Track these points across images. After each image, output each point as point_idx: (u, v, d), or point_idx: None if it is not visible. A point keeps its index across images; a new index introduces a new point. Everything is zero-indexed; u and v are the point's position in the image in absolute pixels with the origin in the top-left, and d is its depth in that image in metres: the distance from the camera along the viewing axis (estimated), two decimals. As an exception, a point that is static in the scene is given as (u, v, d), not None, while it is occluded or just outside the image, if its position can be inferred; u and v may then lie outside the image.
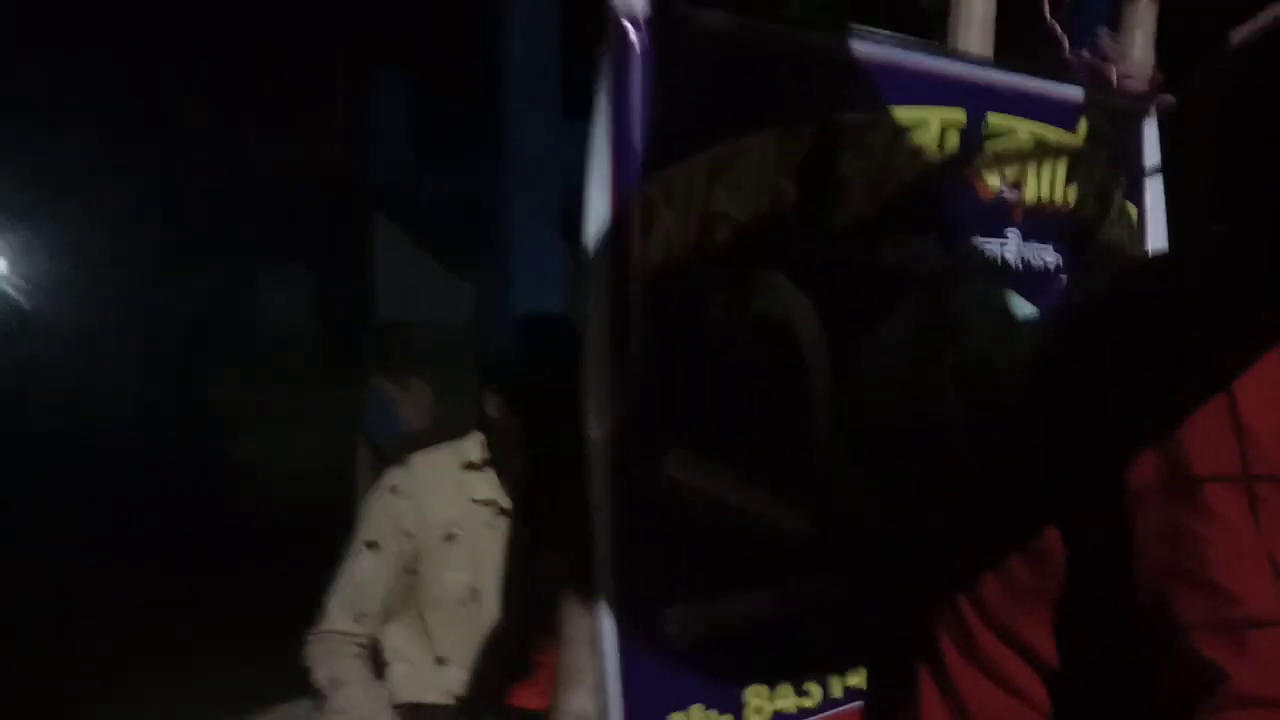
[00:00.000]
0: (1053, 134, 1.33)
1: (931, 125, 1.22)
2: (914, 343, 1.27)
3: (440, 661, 1.86)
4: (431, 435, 2.13)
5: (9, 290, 7.00)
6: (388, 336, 5.25)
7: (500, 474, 1.87)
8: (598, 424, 1.01)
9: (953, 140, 1.24)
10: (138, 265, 7.55)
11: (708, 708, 1.08)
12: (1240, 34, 1.29)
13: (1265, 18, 1.27)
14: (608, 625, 1.00)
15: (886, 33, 1.18)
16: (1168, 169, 1.55)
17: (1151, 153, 1.51)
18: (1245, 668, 0.78)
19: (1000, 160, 1.30)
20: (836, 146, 1.15)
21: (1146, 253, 1.50)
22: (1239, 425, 0.80)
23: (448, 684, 1.85)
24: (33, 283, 7.03)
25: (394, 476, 1.88)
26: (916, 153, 1.22)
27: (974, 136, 1.26)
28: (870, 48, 1.17)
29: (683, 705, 1.06)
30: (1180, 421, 0.83)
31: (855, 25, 1.16)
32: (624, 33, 1.01)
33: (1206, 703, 0.79)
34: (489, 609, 1.85)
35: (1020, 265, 1.36)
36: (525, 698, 1.82)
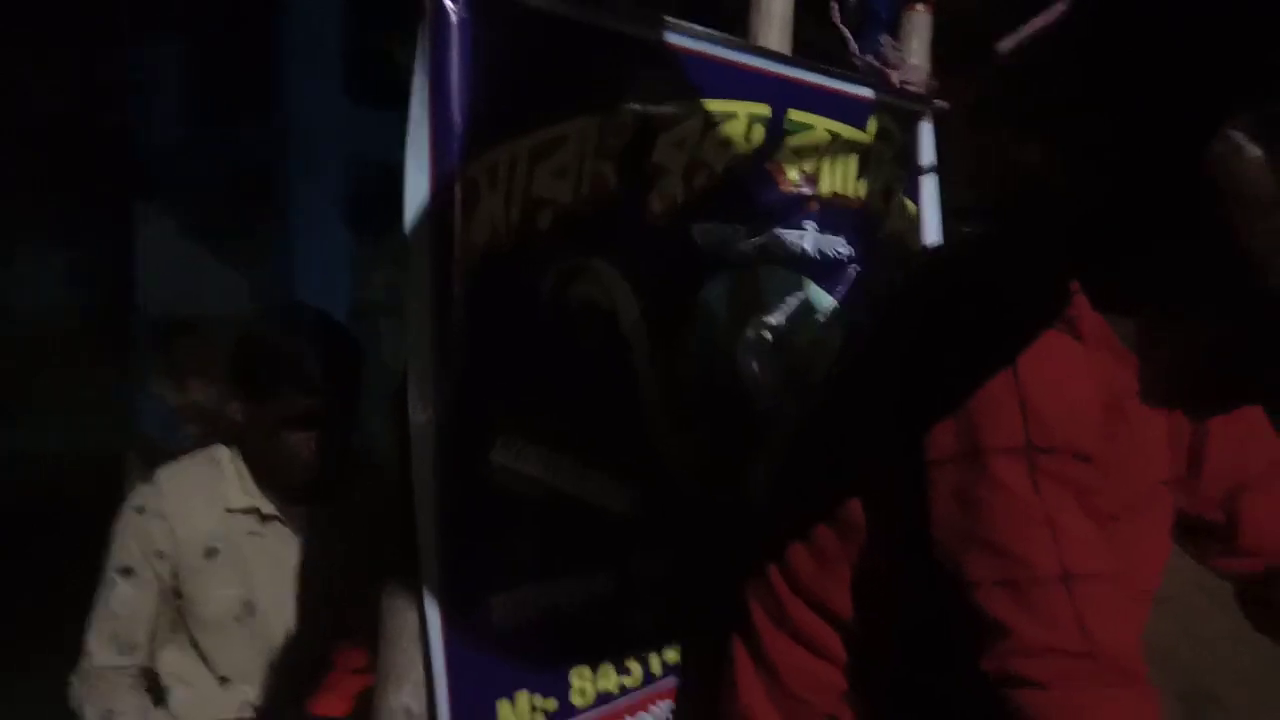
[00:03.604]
0: (846, 131, 1.41)
1: (740, 118, 1.26)
2: (724, 324, 1.32)
3: (223, 681, 1.75)
4: (213, 440, 2.00)
5: None
6: (163, 334, 4.85)
7: (257, 479, 1.77)
8: (421, 409, 0.99)
9: (758, 134, 1.29)
10: None
11: (533, 693, 1.08)
12: (1006, 43, 1.43)
13: (1027, 30, 1.40)
14: (433, 617, 0.98)
15: (699, 27, 1.21)
16: (940, 169, 1.69)
17: (927, 152, 1.64)
18: (1027, 621, 0.87)
19: (799, 154, 1.36)
20: (654, 134, 1.17)
21: (925, 246, 1.62)
22: (1023, 400, 0.89)
23: (235, 703, 1.74)
24: None
25: (140, 495, 1.74)
26: (726, 144, 1.26)
27: (777, 130, 1.32)
28: (685, 40, 1.20)
29: (509, 692, 1.06)
30: (971, 397, 0.91)
31: (671, 17, 1.19)
32: (442, 5, 0.99)
33: (993, 652, 0.88)
34: (267, 621, 1.75)
35: (817, 255, 1.43)
36: (325, 705, 1.75)
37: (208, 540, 1.72)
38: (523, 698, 1.07)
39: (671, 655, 1.24)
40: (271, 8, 6.32)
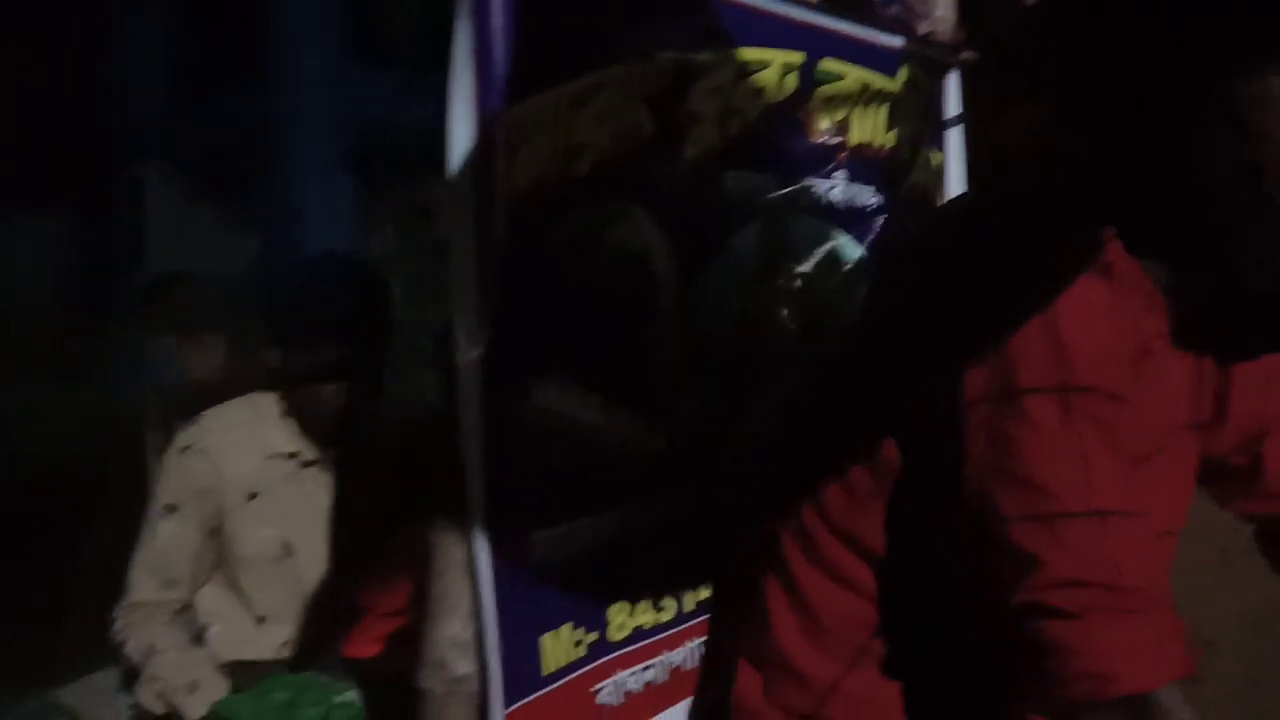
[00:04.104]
0: (877, 80, 1.42)
1: (773, 66, 1.27)
2: (753, 271, 1.34)
3: (261, 620, 1.80)
4: (224, 389, 2.03)
5: None
6: (172, 289, 4.87)
7: (300, 424, 1.81)
8: (466, 351, 1.01)
9: (791, 82, 1.30)
10: None
11: (575, 626, 1.12)
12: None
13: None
14: (481, 551, 1.01)
15: (734, -27, 1.22)
16: (966, 119, 1.70)
17: (953, 104, 1.64)
18: (1057, 554, 0.90)
19: (831, 103, 1.37)
20: (689, 82, 1.18)
21: (950, 195, 1.64)
22: (1058, 342, 0.91)
23: (271, 641, 1.79)
24: None
25: (188, 436, 1.78)
26: (759, 92, 1.27)
27: (809, 79, 1.33)
28: (720, -14, 1.20)
29: (553, 625, 1.09)
30: (1006, 338, 0.93)
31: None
32: (485, -44, 1.00)
33: (1024, 585, 0.91)
34: (304, 562, 1.80)
35: (845, 204, 1.45)
36: (356, 647, 1.80)
37: (250, 482, 1.76)
38: (565, 630, 1.11)
39: (705, 593, 1.28)
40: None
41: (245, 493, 1.77)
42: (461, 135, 1.02)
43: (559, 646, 1.09)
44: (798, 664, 1.07)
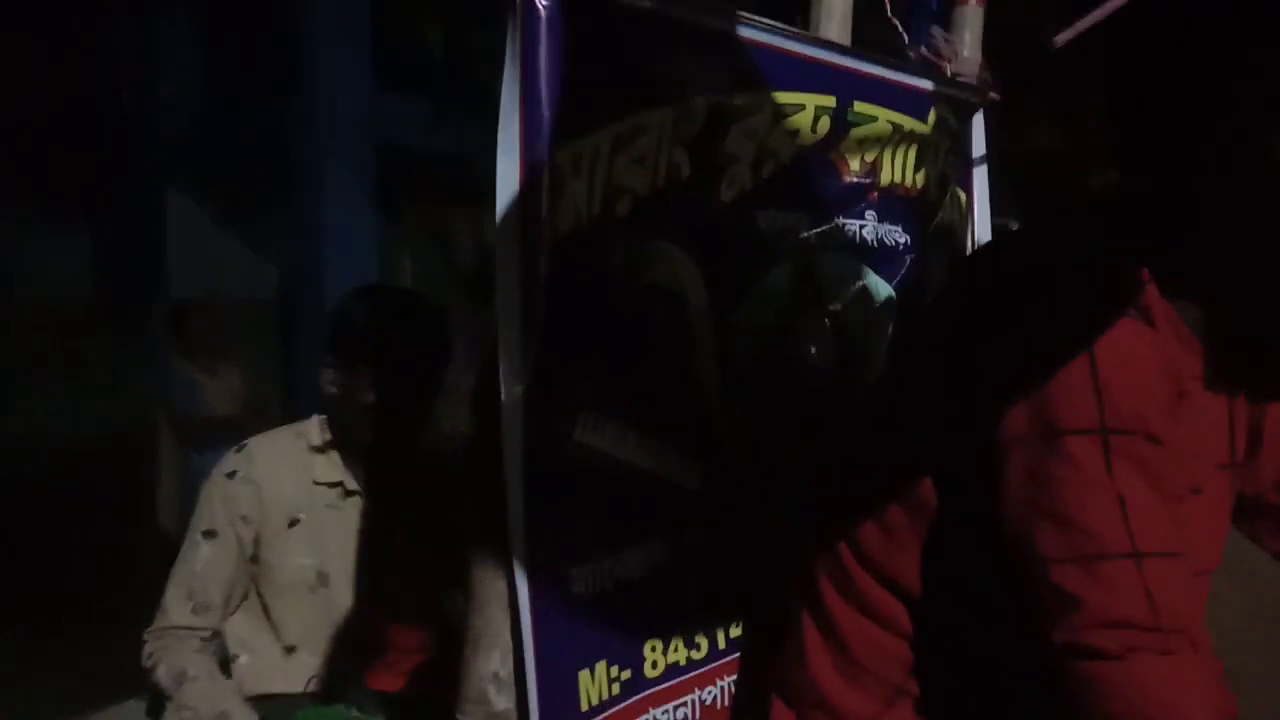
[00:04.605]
0: (907, 122, 1.44)
1: (807, 109, 1.30)
2: (785, 308, 1.35)
3: (289, 650, 1.80)
4: (240, 418, 2.06)
5: None
6: (190, 317, 4.94)
7: (344, 455, 1.83)
8: (510, 386, 1.02)
9: (824, 125, 1.33)
10: None
11: (610, 663, 1.12)
12: (1064, 36, 1.46)
13: (1085, 22, 1.43)
14: (521, 586, 1.02)
15: (769, 20, 1.25)
16: (991, 159, 1.72)
17: (980, 143, 1.67)
18: (1098, 594, 0.90)
19: (862, 145, 1.40)
20: (727, 125, 1.21)
21: (976, 236, 1.66)
22: (1098, 384, 0.92)
23: (299, 673, 1.80)
24: None
25: (231, 462, 1.80)
26: (793, 134, 1.30)
27: (842, 122, 1.35)
28: (756, 33, 1.23)
29: (590, 662, 1.10)
30: (1046, 380, 0.94)
31: (741, 11, 1.22)
32: (532, 1, 1.02)
33: (1064, 626, 0.91)
34: (337, 593, 1.81)
35: (876, 243, 1.47)
36: (381, 681, 1.80)
37: (292, 509, 1.77)
38: (601, 667, 1.11)
39: (737, 630, 1.28)
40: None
41: (286, 520, 1.78)
42: (508, 175, 1.04)
43: (595, 683, 1.10)
44: (834, 701, 1.08)
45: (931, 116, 1.50)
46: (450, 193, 6.13)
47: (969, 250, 1.64)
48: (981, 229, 1.68)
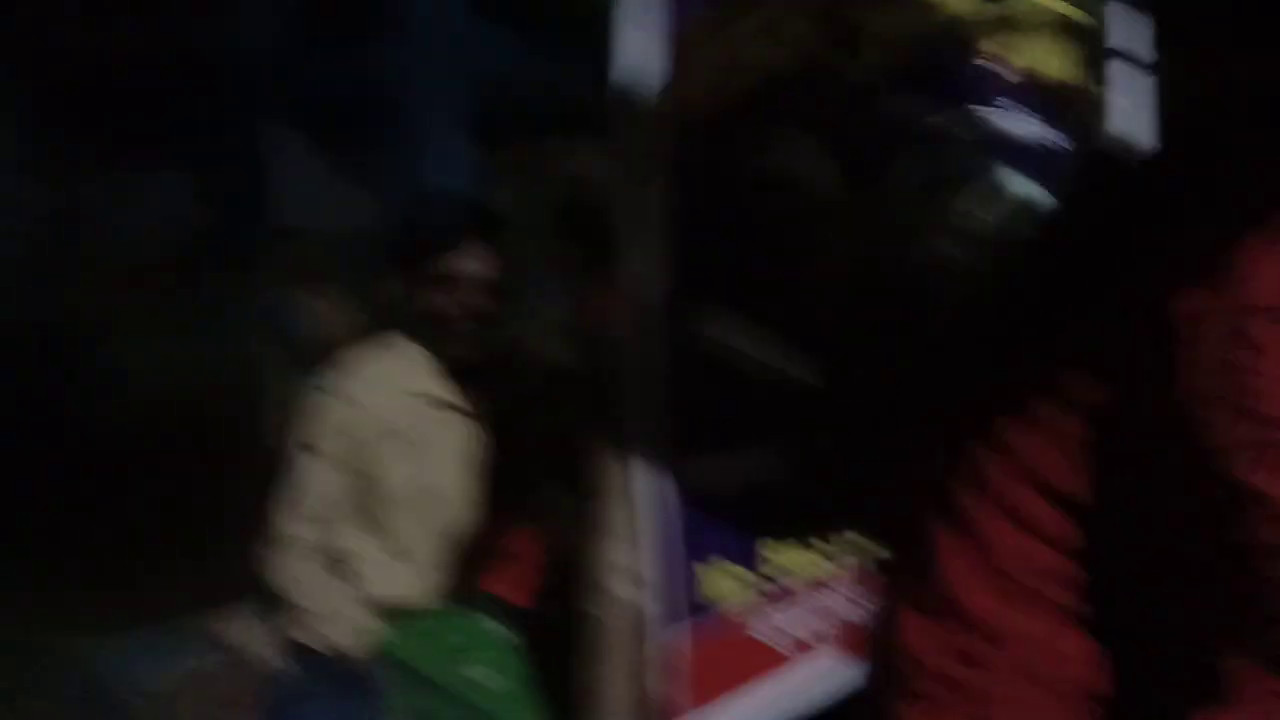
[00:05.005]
0: (1056, 5, 1.33)
1: None
2: (914, 201, 1.27)
3: (401, 558, 1.83)
4: (348, 337, 2.08)
5: None
6: (294, 244, 5.07)
7: (436, 367, 1.84)
8: (641, 278, 0.98)
9: (967, 3, 1.23)
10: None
11: (733, 562, 1.09)
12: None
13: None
14: (646, 479, 0.99)
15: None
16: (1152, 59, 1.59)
17: (1136, 38, 1.54)
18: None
19: (1004, 27, 1.29)
20: (862, -2, 1.13)
21: (1110, 132, 1.54)
22: None
23: (412, 579, 1.83)
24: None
25: (327, 378, 1.83)
26: (929, 12, 1.20)
27: (988, 1, 1.25)
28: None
29: (705, 557, 1.07)
30: (1229, 255, 0.85)
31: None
32: None
33: (1243, 521, 0.84)
34: (445, 503, 1.83)
35: (1012, 135, 1.37)
36: (496, 587, 1.81)
37: (391, 422, 1.79)
38: (720, 563, 1.08)
39: (864, 537, 1.23)
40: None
41: (387, 432, 1.80)
42: (634, 52, 0.98)
43: (717, 580, 1.07)
44: (971, 608, 1.01)
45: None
46: (546, 123, 6.11)
47: (1115, 146, 1.53)
48: (1118, 126, 1.56)
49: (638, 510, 1.00)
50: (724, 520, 1.09)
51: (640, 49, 0.98)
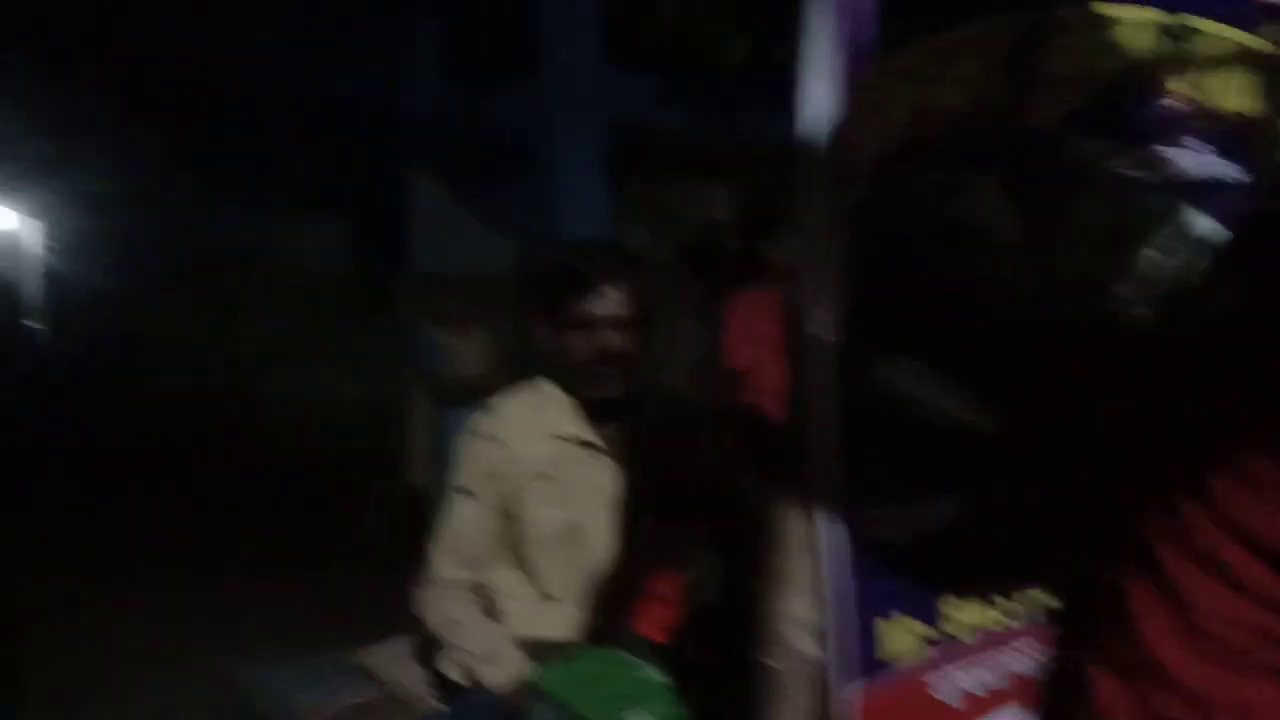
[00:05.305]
0: (1242, 40, 1.27)
1: (1131, 23, 1.17)
2: (1097, 245, 1.23)
3: (549, 599, 1.86)
4: (490, 379, 2.14)
5: (40, 242, 7.00)
6: (437, 286, 5.34)
7: (582, 411, 1.88)
8: (819, 323, 0.98)
9: (1147, 39, 1.19)
10: (163, 213, 7.52)
11: (909, 616, 1.06)
12: None
13: None
14: (826, 530, 0.98)
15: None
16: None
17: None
18: None
19: (1191, 65, 1.24)
20: (1044, 40, 1.10)
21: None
22: None
23: (561, 620, 1.85)
24: (61, 232, 7.02)
25: (481, 423, 1.88)
26: (1112, 51, 1.17)
27: (1169, 38, 1.21)
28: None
29: (888, 611, 1.05)
30: None
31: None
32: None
33: None
34: (591, 544, 1.85)
35: (1199, 176, 1.31)
36: (646, 628, 1.82)
37: (538, 464, 1.84)
38: (900, 619, 1.05)
39: (1047, 595, 1.18)
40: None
41: (534, 475, 1.84)
42: (817, 98, 0.99)
43: (896, 635, 1.04)
44: (1176, 672, 0.96)
45: (1269, 34, 1.31)
46: (680, 166, 6.20)
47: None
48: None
49: (819, 562, 0.99)
50: (905, 575, 1.06)
51: (820, 97, 0.99)
